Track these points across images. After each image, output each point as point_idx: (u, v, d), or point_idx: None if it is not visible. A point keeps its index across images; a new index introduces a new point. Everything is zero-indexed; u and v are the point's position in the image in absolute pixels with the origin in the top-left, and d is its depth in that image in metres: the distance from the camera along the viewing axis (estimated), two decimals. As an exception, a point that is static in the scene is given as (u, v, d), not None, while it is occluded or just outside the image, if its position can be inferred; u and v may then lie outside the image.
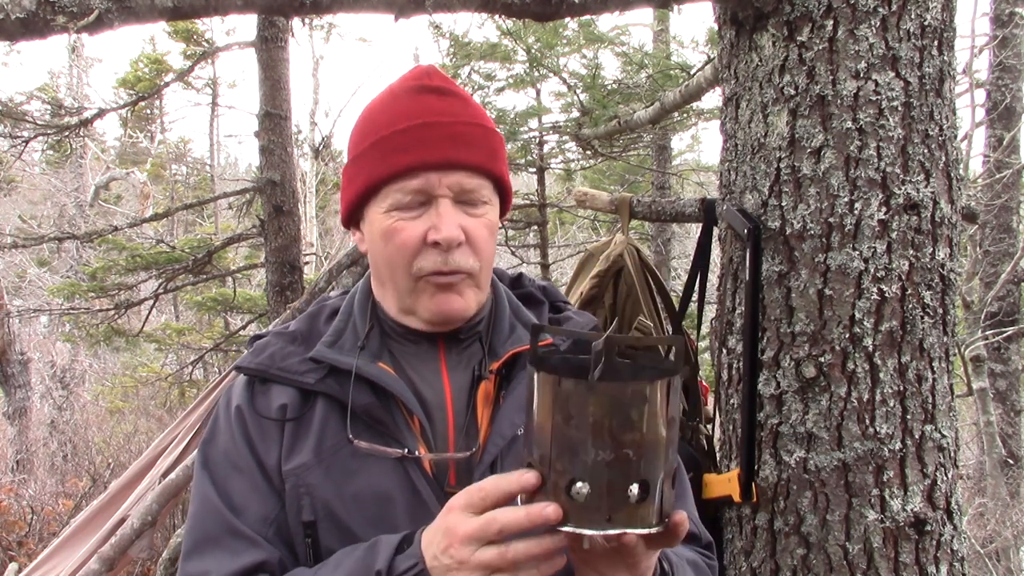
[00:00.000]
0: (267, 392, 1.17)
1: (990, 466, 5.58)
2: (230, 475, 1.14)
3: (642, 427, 0.82)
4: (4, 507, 6.22)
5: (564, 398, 0.84)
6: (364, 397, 1.13)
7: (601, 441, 0.82)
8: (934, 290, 1.62)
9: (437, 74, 1.19)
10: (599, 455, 0.82)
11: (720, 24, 1.82)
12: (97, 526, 3.16)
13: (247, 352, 1.22)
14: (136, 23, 1.37)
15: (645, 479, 0.83)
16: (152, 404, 10.86)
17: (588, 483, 0.83)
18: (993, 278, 6.34)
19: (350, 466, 1.11)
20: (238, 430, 1.15)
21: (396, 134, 1.12)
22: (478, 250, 1.14)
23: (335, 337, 1.19)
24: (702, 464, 1.97)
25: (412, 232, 1.12)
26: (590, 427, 0.82)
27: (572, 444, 0.83)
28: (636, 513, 0.83)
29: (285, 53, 6.08)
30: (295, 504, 1.11)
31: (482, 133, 1.15)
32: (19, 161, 11.08)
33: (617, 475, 0.82)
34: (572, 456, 0.83)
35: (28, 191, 20.23)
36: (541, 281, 1.36)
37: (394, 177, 1.11)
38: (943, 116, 1.63)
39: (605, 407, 0.82)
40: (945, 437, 1.65)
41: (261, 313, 7.78)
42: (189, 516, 1.16)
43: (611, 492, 0.83)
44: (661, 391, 0.83)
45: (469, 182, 1.12)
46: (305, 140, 15.50)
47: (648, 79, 5.74)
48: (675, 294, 2.76)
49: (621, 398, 0.82)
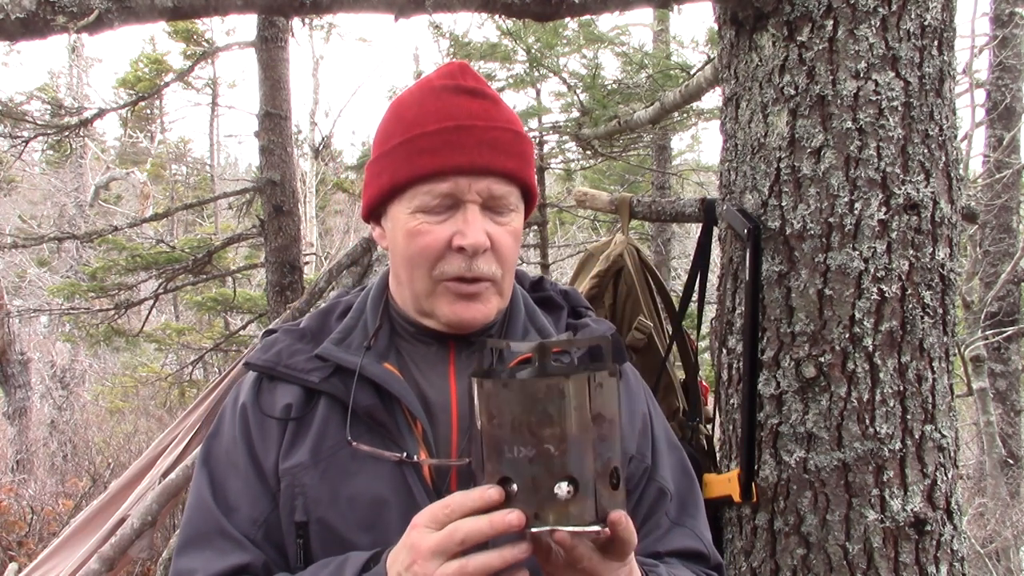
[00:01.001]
0: (273, 390, 1.16)
1: (990, 466, 5.58)
2: (228, 473, 1.14)
3: (562, 423, 0.83)
4: (4, 507, 6.22)
5: (486, 398, 0.86)
6: (367, 398, 1.11)
7: (520, 437, 0.84)
8: (934, 290, 1.62)
9: (471, 73, 1.16)
10: (520, 451, 0.84)
11: (720, 24, 1.82)
12: (97, 526, 3.16)
13: (258, 348, 1.21)
14: (136, 23, 1.38)
15: (572, 475, 0.83)
16: (152, 404, 10.86)
17: (515, 481, 0.85)
18: (993, 278, 6.34)
19: (348, 468, 1.10)
20: (240, 429, 1.15)
21: (427, 135, 1.10)
22: (502, 258, 1.12)
23: (343, 335, 1.17)
24: (702, 464, 1.97)
25: (437, 236, 1.10)
26: (509, 424, 0.84)
27: (497, 442, 0.85)
28: (567, 511, 0.84)
29: (285, 53, 6.08)
30: (288, 504, 1.10)
31: (514, 139, 1.13)
32: (19, 161, 11.08)
33: (540, 471, 0.84)
34: (498, 455, 0.85)
35: (28, 191, 20.23)
36: (564, 286, 1.34)
37: (423, 179, 1.10)
38: (943, 116, 1.63)
39: (520, 403, 0.84)
40: (945, 437, 1.65)
41: (261, 313, 7.78)
42: (185, 511, 1.16)
43: (537, 489, 0.84)
44: (579, 387, 0.84)
45: (499, 188, 1.11)
46: (305, 140, 15.50)
47: (648, 79, 5.74)
48: (675, 294, 2.76)
49: (535, 393, 0.84)
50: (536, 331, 1.20)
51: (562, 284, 1.35)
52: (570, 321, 1.27)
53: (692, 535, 1.20)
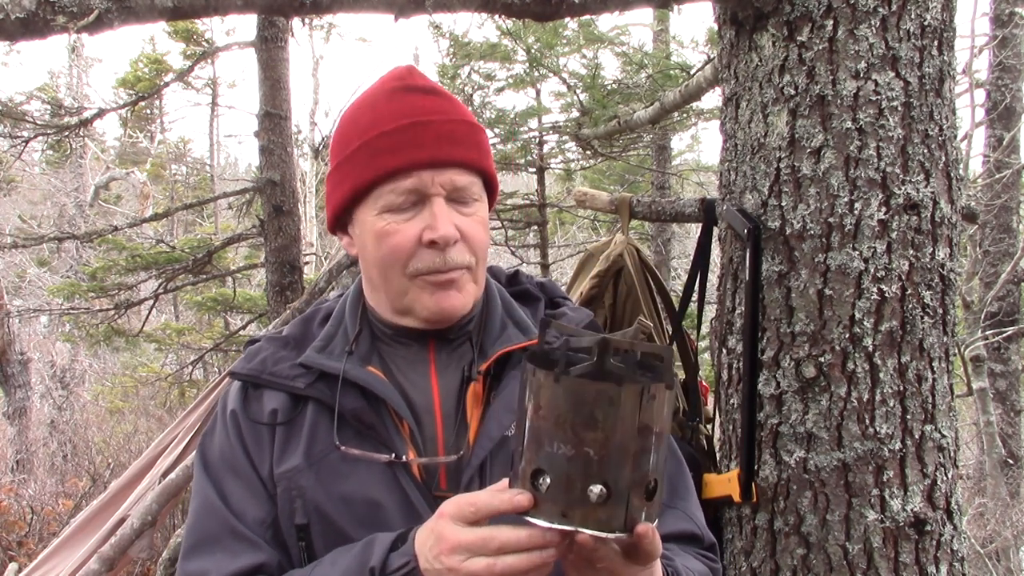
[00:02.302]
0: (260, 397, 1.18)
1: (990, 466, 5.58)
2: (228, 478, 1.15)
3: (607, 428, 0.82)
4: (4, 507, 6.22)
5: (536, 388, 0.86)
6: (353, 401, 1.13)
7: (562, 434, 0.83)
8: (934, 290, 1.62)
9: (419, 73, 1.19)
10: (559, 448, 0.84)
11: (720, 24, 1.82)
12: (97, 526, 3.16)
13: (241, 357, 1.23)
14: (136, 23, 1.38)
15: (607, 482, 0.83)
16: (152, 404, 10.86)
17: (548, 475, 0.84)
18: (993, 278, 6.34)
19: (340, 470, 1.12)
20: (234, 434, 1.16)
21: (385, 134, 1.12)
22: (474, 246, 1.14)
23: (325, 342, 1.19)
24: (702, 464, 1.97)
25: (406, 234, 1.11)
26: (554, 419, 0.84)
27: (539, 434, 0.85)
28: (595, 514, 0.83)
29: (285, 53, 6.08)
30: (288, 507, 1.12)
31: (469, 130, 1.15)
32: (19, 161, 11.09)
33: (576, 471, 0.83)
34: (538, 446, 0.85)
35: (28, 191, 20.23)
36: (539, 278, 1.36)
37: (386, 178, 1.11)
38: (943, 116, 1.63)
39: (569, 401, 0.83)
40: (945, 437, 1.65)
41: (261, 313, 7.78)
42: (189, 515, 1.16)
43: (569, 487, 0.83)
44: (632, 397, 0.83)
45: (461, 179, 1.12)
46: (305, 140, 15.49)
47: (648, 79, 5.75)
48: (675, 294, 2.76)
49: (585, 395, 0.83)
50: (514, 324, 1.21)
51: (538, 277, 1.37)
52: (547, 312, 1.28)
53: (685, 516, 1.21)
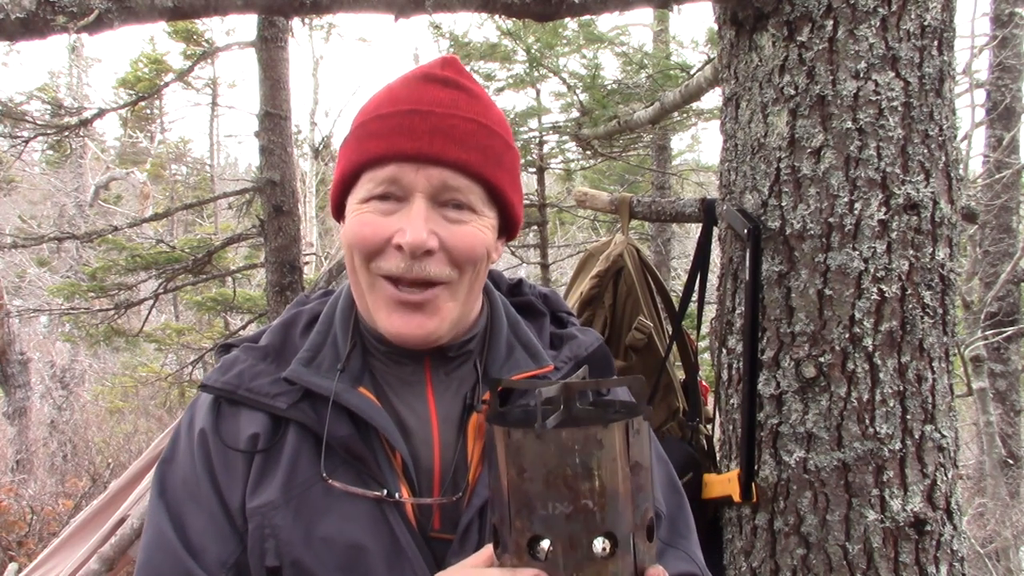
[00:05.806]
0: (236, 416, 1.03)
1: (990, 466, 5.58)
2: (188, 508, 1.01)
3: (601, 475, 0.77)
4: (4, 507, 6.22)
5: (515, 450, 0.78)
6: (342, 428, 1.00)
7: (557, 492, 0.77)
8: (934, 290, 1.62)
9: (453, 65, 1.06)
10: (556, 508, 0.77)
11: (720, 24, 1.82)
12: (97, 526, 3.16)
13: (215, 368, 1.08)
14: (136, 23, 1.38)
15: (611, 531, 0.78)
16: (152, 404, 10.87)
17: (549, 539, 0.78)
18: (993, 278, 6.34)
19: (321, 505, 0.99)
20: (200, 457, 1.02)
21: (379, 118, 1.00)
22: (457, 259, 0.99)
23: (312, 353, 1.05)
24: (702, 464, 1.97)
25: (378, 229, 0.98)
26: (543, 478, 0.77)
27: (528, 499, 0.78)
28: (605, 569, 0.78)
29: (285, 53, 6.07)
30: (258, 548, 0.98)
31: (478, 131, 1.01)
32: (19, 161, 11.09)
33: (579, 528, 0.77)
34: (530, 512, 0.78)
35: (28, 191, 20.22)
36: (543, 288, 1.24)
37: (368, 164, 0.99)
38: (943, 116, 1.63)
39: (556, 456, 0.77)
40: (945, 437, 1.65)
41: (261, 313, 7.78)
42: (142, 548, 1.02)
43: (574, 547, 0.77)
44: (619, 435, 0.78)
45: (453, 181, 0.98)
46: (305, 140, 15.49)
47: (648, 79, 5.75)
48: (675, 294, 2.76)
49: (572, 445, 0.77)
50: (522, 347, 1.10)
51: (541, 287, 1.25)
52: (554, 330, 1.17)
53: (686, 557, 1.14)
